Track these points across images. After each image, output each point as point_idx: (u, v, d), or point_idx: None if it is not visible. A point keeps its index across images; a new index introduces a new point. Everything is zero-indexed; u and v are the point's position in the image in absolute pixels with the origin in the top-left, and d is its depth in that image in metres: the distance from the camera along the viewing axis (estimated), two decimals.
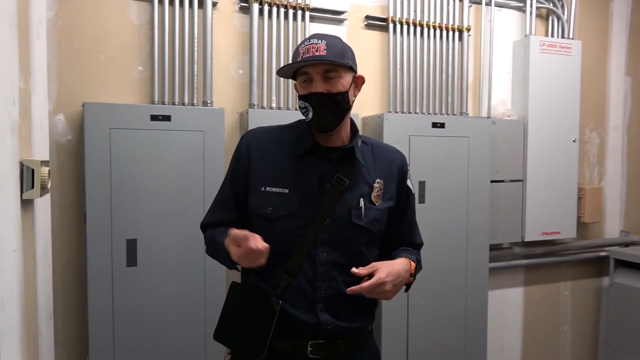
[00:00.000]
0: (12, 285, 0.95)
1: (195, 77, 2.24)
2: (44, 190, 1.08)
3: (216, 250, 1.31)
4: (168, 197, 2.11)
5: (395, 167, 1.39)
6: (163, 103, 2.21)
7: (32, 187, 1.04)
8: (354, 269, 1.20)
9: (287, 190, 1.29)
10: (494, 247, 2.87)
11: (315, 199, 1.29)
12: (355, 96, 1.34)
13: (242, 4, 2.36)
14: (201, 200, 2.16)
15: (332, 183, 1.29)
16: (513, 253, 3.02)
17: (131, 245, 2.07)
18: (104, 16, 2.15)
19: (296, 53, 1.28)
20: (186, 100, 2.24)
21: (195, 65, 2.24)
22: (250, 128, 2.21)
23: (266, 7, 2.34)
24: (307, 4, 2.42)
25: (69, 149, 2.12)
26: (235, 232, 1.14)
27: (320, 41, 1.25)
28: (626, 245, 3.32)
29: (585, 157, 3.24)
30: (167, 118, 2.09)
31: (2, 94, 0.87)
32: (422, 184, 2.51)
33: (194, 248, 2.14)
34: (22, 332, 1.02)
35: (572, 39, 3.02)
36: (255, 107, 2.34)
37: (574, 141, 3.02)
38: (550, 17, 3.05)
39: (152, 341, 2.11)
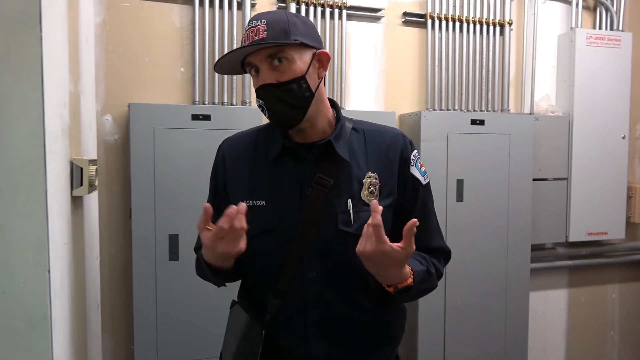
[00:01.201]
0: (63, 276, 1.01)
1: (234, 77, 2.30)
2: (91, 187, 1.15)
3: (200, 265, 1.17)
4: (208, 194, 2.18)
5: (395, 153, 1.14)
6: (203, 103, 2.28)
7: (81, 184, 1.10)
8: (374, 202, 0.95)
9: (263, 202, 1.11)
10: (536, 247, 2.79)
11: (296, 207, 1.09)
12: (321, 77, 1.10)
13: (280, 4, 2.39)
14: None
15: (313, 186, 1.09)
16: (556, 253, 2.92)
17: (173, 240, 2.15)
18: (148, 20, 2.24)
19: (242, 43, 1.07)
20: (225, 100, 2.30)
21: None
22: None
23: (303, 7, 2.37)
24: (344, 3, 2.43)
25: (116, 147, 2.22)
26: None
27: (259, 22, 1.03)
28: None
29: (636, 154, 3.09)
30: (207, 117, 2.15)
31: (54, 98, 0.93)
32: (460, 182, 2.47)
33: None
34: (71, 321, 1.08)
35: (622, 31, 2.89)
36: None
37: (624, 138, 2.89)
38: (598, 9, 2.92)
39: (193, 332, 2.18)
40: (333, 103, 1.18)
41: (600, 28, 2.91)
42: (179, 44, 2.29)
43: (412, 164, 1.15)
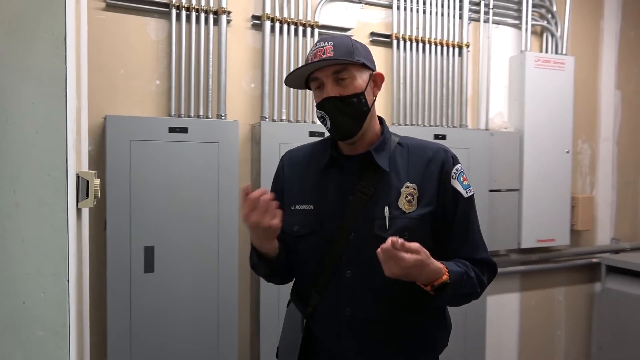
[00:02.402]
0: (72, 286, 1.04)
1: (210, 91, 2.34)
2: (95, 199, 1.18)
3: (251, 254, 1.29)
4: (184, 206, 2.20)
5: (435, 166, 1.22)
6: (179, 115, 2.31)
7: (87, 196, 1.13)
8: (393, 238, 1.02)
9: (312, 207, 1.24)
10: (491, 254, 2.91)
11: (338, 213, 1.21)
12: (375, 95, 1.24)
13: (255, 22, 2.47)
14: (215, 208, 2.25)
15: (355, 194, 1.20)
16: (510, 260, 3.13)
17: (149, 252, 2.16)
18: (124, 33, 2.25)
19: (306, 61, 1.21)
20: (201, 113, 2.34)
21: (210, 80, 2.34)
22: (262, 139, 2.33)
23: (277, 25, 2.46)
24: (316, 22, 2.54)
25: (89, 159, 2.20)
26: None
27: (327, 43, 1.17)
28: (617, 252, 3.45)
29: (578, 167, 3.38)
30: (184, 130, 2.19)
31: (70, 113, 0.97)
32: None
33: (208, 255, 2.23)
34: (76, 329, 1.11)
35: (566, 54, 3.17)
36: (267, 119, 2.45)
37: (567, 152, 3.16)
38: (545, 34, 3.20)
39: (167, 344, 2.19)
40: (380, 120, 1.30)
41: (546, 51, 3.18)
42: (154, 57, 2.31)
43: (453, 177, 1.22)
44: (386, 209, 1.18)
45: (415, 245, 1.04)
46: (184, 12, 2.29)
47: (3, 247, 0.88)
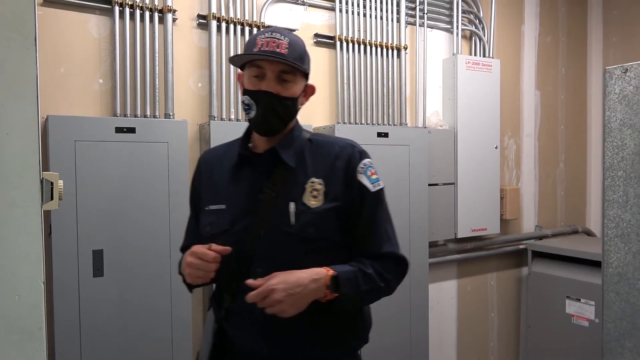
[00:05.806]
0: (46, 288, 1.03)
1: (157, 90, 2.31)
2: (60, 201, 1.16)
3: (179, 268, 1.35)
4: (134, 207, 2.17)
5: (342, 162, 1.22)
6: (125, 115, 2.26)
7: (51, 198, 1.12)
8: (248, 280, 1.10)
9: (224, 206, 1.22)
10: (431, 244, 3.16)
11: (249, 211, 1.20)
12: (302, 104, 1.26)
13: (201, 21, 2.46)
14: (166, 209, 2.23)
15: (264, 191, 1.19)
16: (447, 249, 3.34)
17: (97, 255, 2.10)
18: (63, 29, 2.16)
19: (253, 43, 1.17)
20: (148, 113, 2.30)
21: (157, 79, 2.31)
22: (212, 139, 2.33)
23: (224, 24, 2.47)
24: (262, 22, 2.58)
25: None
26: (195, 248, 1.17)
27: (283, 38, 1.15)
28: (540, 238, 3.77)
29: (505, 162, 3.66)
30: (132, 130, 2.15)
31: (40, 116, 0.97)
32: None
33: (159, 256, 2.21)
34: (45, 332, 1.10)
35: (492, 57, 3.43)
36: (216, 118, 2.45)
37: (496, 148, 3.41)
38: (473, 38, 3.43)
39: (118, 350, 2.14)
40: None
41: (475, 54, 3.42)
42: (96, 55, 2.24)
43: (360, 172, 1.23)
44: (291, 205, 1.18)
45: (272, 274, 1.11)
46: (127, 10, 2.24)
47: None
